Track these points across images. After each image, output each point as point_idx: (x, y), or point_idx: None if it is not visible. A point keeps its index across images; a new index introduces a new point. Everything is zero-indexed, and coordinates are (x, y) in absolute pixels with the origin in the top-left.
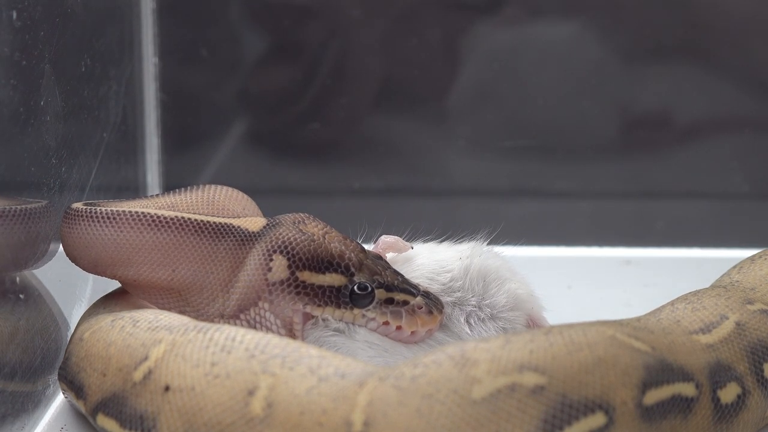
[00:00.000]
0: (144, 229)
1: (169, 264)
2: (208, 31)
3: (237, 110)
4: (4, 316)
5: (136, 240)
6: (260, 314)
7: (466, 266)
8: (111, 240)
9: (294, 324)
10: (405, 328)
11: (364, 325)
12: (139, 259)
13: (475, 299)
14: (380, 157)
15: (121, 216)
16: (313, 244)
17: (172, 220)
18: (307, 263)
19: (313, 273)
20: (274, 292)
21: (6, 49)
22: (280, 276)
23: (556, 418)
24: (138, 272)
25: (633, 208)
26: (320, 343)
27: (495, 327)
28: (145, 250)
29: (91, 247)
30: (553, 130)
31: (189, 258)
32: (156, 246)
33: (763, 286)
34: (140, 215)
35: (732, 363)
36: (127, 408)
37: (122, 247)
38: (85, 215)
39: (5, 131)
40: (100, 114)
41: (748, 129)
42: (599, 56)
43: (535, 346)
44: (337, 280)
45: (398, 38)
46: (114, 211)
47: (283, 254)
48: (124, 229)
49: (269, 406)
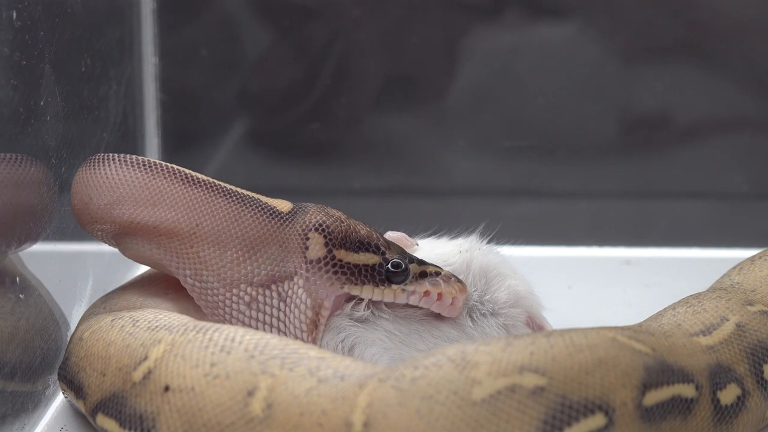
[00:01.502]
0: (176, 181)
1: (194, 216)
2: (208, 31)
3: (237, 110)
4: (4, 316)
5: (166, 188)
6: (293, 289)
7: (467, 261)
8: (141, 182)
9: (322, 308)
10: (446, 294)
11: (406, 299)
12: (165, 204)
13: (476, 294)
14: (380, 157)
15: (154, 165)
16: (343, 224)
17: (205, 181)
18: (342, 242)
19: (348, 252)
20: (311, 269)
21: (6, 49)
22: (318, 254)
23: (556, 419)
24: (161, 216)
25: (633, 208)
26: (340, 330)
27: (496, 323)
28: (173, 198)
29: (117, 187)
30: (553, 130)
31: (215, 216)
32: (185, 198)
33: (763, 287)
34: (173, 169)
35: (732, 364)
36: (126, 408)
37: (151, 189)
38: (117, 159)
39: (5, 131)
40: (100, 114)
41: (748, 129)
42: (599, 56)
43: (535, 348)
44: (371, 259)
45: (398, 38)
46: (148, 160)
47: (319, 232)
48: (156, 176)
49: (269, 407)
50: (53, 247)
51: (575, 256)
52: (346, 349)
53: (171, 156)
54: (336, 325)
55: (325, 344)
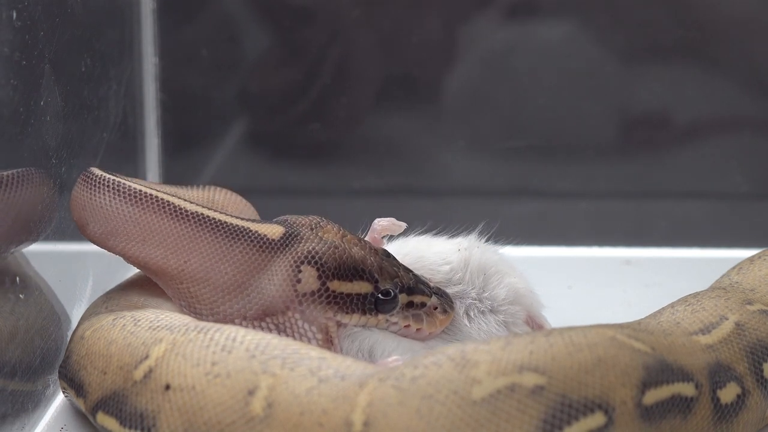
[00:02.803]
0: (165, 216)
1: (182, 254)
2: (208, 31)
3: (237, 110)
4: (4, 316)
5: (155, 224)
6: (291, 322)
7: (466, 259)
8: (132, 216)
9: (329, 328)
10: (425, 329)
11: (386, 328)
12: (154, 242)
13: (475, 292)
14: (380, 157)
15: (146, 196)
16: (337, 252)
17: (193, 213)
18: (335, 272)
19: (342, 282)
20: (305, 302)
21: (6, 49)
22: (311, 287)
23: (555, 418)
24: (150, 254)
25: (633, 208)
26: (353, 338)
27: (495, 320)
28: (162, 235)
29: (110, 219)
30: (553, 130)
31: (202, 253)
32: (172, 234)
33: (762, 286)
34: (164, 201)
35: (732, 363)
36: (127, 406)
37: (141, 225)
38: (112, 186)
39: (5, 131)
40: (100, 114)
41: (748, 129)
42: (599, 56)
43: (535, 347)
44: (364, 288)
45: (398, 38)
46: (140, 189)
47: (312, 265)
48: (146, 210)
49: (269, 406)
50: (53, 247)
51: (575, 256)
52: (366, 354)
53: (171, 156)
54: (348, 333)
55: (345, 353)
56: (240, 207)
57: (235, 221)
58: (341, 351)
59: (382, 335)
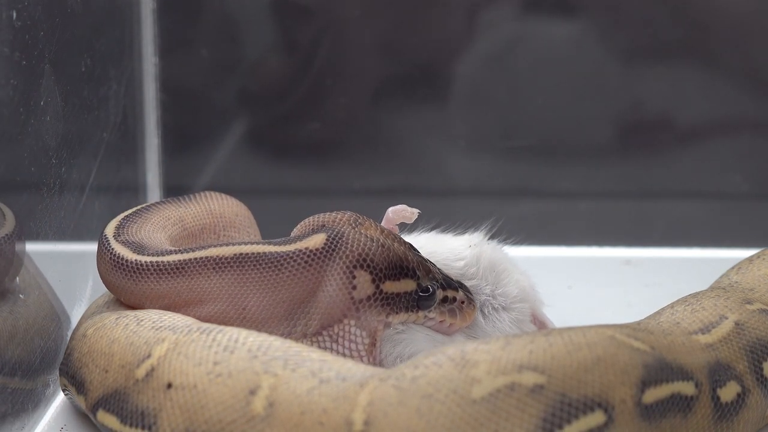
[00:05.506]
0: (209, 273)
1: (238, 302)
2: (208, 31)
3: (237, 110)
4: (3, 315)
5: (203, 285)
6: (345, 329)
7: (477, 255)
8: (180, 290)
9: (378, 332)
10: (457, 323)
11: (423, 323)
12: (209, 301)
13: (489, 288)
14: (380, 157)
15: (186, 264)
16: (384, 250)
17: (233, 258)
18: (387, 273)
19: (392, 282)
20: (361, 308)
21: (6, 49)
22: (366, 292)
23: (555, 416)
24: (209, 312)
25: (633, 208)
26: (395, 344)
27: (509, 318)
28: (212, 292)
29: (161, 298)
30: (554, 131)
31: (255, 293)
32: (222, 287)
33: (761, 286)
34: (203, 260)
35: (731, 362)
36: (128, 404)
37: (191, 292)
38: (150, 269)
39: (5, 131)
40: (100, 114)
41: (748, 129)
42: (599, 56)
43: (534, 346)
44: (410, 286)
45: (398, 38)
46: (178, 261)
47: (365, 269)
48: (191, 276)
49: (270, 406)
50: (53, 247)
51: (575, 256)
52: (407, 359)
53: (171, 156)
54: (386, 338)
55: (384, 359)
56: (235, 210)
57: (274, 248)
58: (379, 355)
59: (422, 341)
